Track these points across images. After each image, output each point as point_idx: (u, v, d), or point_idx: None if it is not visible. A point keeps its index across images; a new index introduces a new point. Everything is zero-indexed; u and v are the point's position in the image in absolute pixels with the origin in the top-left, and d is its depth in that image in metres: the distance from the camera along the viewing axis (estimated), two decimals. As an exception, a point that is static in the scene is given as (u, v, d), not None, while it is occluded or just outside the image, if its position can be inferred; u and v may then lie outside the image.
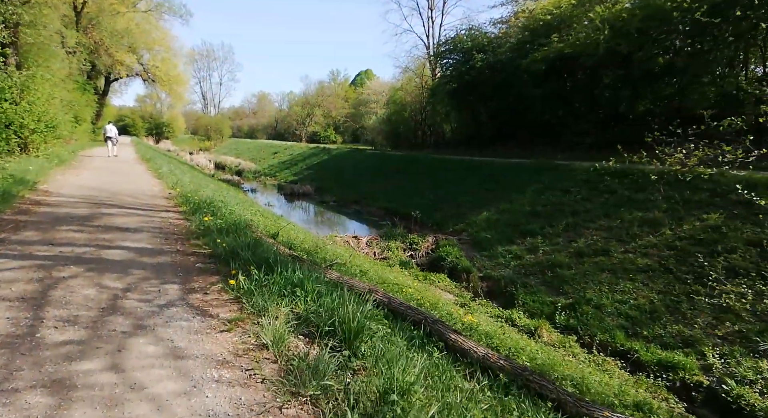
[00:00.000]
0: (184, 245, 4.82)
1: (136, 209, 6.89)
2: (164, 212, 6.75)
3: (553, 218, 13.67)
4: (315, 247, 8.14)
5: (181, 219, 6.34)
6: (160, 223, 5.89)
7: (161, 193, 9.31)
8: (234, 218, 6.63)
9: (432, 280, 11.92)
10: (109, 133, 19.59)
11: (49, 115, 13.82)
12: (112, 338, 2.60)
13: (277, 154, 46.20)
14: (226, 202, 8.66)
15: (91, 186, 9.28)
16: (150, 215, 6.46)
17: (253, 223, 7.51)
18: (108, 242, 4.67)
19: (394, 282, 8.39)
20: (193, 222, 5.92)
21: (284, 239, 6.38)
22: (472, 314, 9.31)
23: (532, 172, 17.46)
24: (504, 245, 13.38)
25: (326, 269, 4.99)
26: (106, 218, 5.94)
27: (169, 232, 5.37)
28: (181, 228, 5.67)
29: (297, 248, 5.87)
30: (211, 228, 5.53)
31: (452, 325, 6.42)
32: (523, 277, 11.51)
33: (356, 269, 7.41)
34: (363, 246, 15.17)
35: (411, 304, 4.74)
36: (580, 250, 11.63)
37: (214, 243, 4.70)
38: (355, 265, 8.92)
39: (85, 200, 7.31)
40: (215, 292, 3.51)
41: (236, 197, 15.15)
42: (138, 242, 4.82)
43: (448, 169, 22.49)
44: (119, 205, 7.12)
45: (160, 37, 37.29)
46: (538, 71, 21.24)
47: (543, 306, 9.90)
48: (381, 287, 7.03)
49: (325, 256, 6.52)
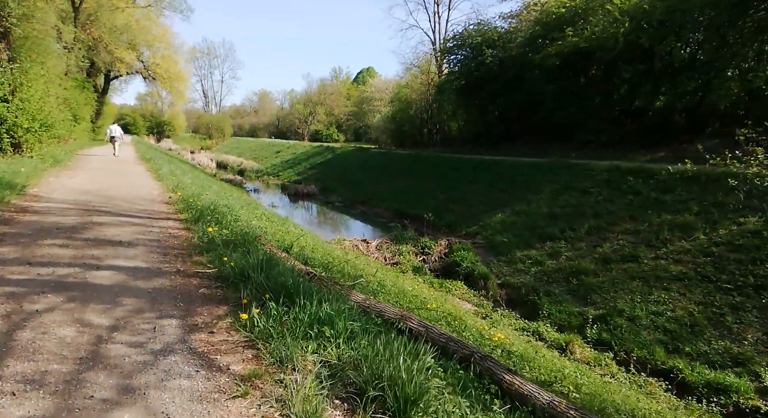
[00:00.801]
0: (186, 262, 4.15)
1: (132, 216, 6.22)
2: (163, 221, 6.08)
3: (573, 221, 12.97)
4: (328, 256, 7.47)
5: (182, 229, 5.67)
6: (159, 234, 5.22)
7: (161, 197, 8.64)
8: (241, 226, 5.97)
9: (448, 287, 11.25)
10: (114, 133, 19.69)
11: (44, 113, 13.16)
12: (87, 411, 1.93)
13: (279, 153, 45.52)
14: (231, 206, 7.99)
15: (85, 189, 8.62)
16: (147, 224, 5.79)
17: (262, 232, 6.85)
18: (96, 261, 4.00)
19: (413, 294, 7.71)
20: (196, 233, 5.25)
21: (297, 251, 5.71)
22: (496, 327, 8.65)
23: (547, 171, 16.75)
24: (522, 249, 12.69)
25: (349, 289, 4.32)
26: (97, 228, 5.28)
27: (168, 246, 4.70)
28: (182, 240, 5.00)
29: (313, 262, 5.20)
30: (216, 241, 4.87)
31: (485, 346, 5.77)
32: (546, 284, 10.82)
33: (374, 282, 6.74)
34: (373, 250, 14.50)
35: (450, 333, 4.05)
36: (606, 255, 10.94)
37: (220, 261, 4.03)
38: (368, 273, 8.25)
39: (76, 206, 6.65)
40: (224, 330, 2.83)
41: (240, 199, 14.49)
42: (132, 259, 4.15)
43: (457, 168, 21.77)
44: (114, 212, 6.45)
45: (161, 33, 36.64)
46: (551, 67, 20.50)
47: (570, 317, 9.21)
48: (403, 303, 6.36)
49: (342, 269, 5.85)
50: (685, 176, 12.59)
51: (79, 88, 28.20)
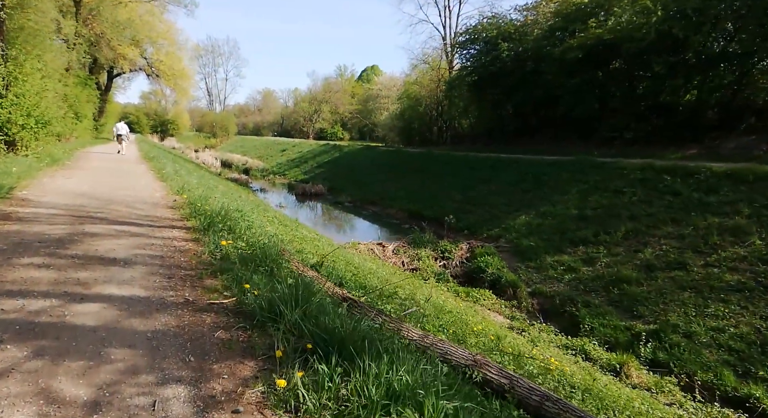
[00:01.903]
0: (195, 288, 3.28)
1: (131, 224, 5.37)
2: (167, 229, 5.22)
3: (607, 224, 12.04)
4: (358, 270, 6.61)
5: (189, 240, 4.81)
6: (162, 248, 4.36)
7: (164, 199, 7.79)
8: (257, 235, 5.11)
9: (475, 297, 10.37)
10: (120, 131, 19.47)
11: (41, 109, 12.36)
12: None
13: (285, 151, 44.70)
14: (242, 210, 7.13)
15: (80, 192, 7.78)
16: (148, 234, 4.93)
17: (277, 240, 5.99)
18: (82, 288, 3.14)
19: (450, 310, 6.82)
20: (207, 246, 4.39)
21: (327, 266, 4.84)
22: (536, 343, 7.76)
23: (573, 170, 15.80)
24: (552, 254, 11.78)
25: (399, 321, 3.46)
26: (88, 240, 4.42)
27: (173, 264, 3.84)
28: (190, 256, 4.13)
29: (347, 282, 4.32)
30: (231, 257, 4.01)
31: (539, 377, 4.89)
32: (583, 294, 9.92)
33: (405, 294, 5.87)
34: (389, 254, 13.63)
35: (535, 384, 3.17)
36: (649, 262, 10.01)
37: (239, 286, 3.17)
38: (407, 292, 7.39)
39: (68, 212, 5.80)
40: (253, 406, 1.96)
41: (248, 201, 13.65)
42: (127, 285, 3.28)
43: (474, 167, 20.84)
44: (110, 219, 5.60)
45: (164, 29, 35.73)
46: (572, 60, 19.50)
47: (617, 333, 8.31)
48: (447, 325, 5.48)
49: (381, 288, 4.97)
50: (730, 175, 11.66)
51: (81, 85, 27.43)
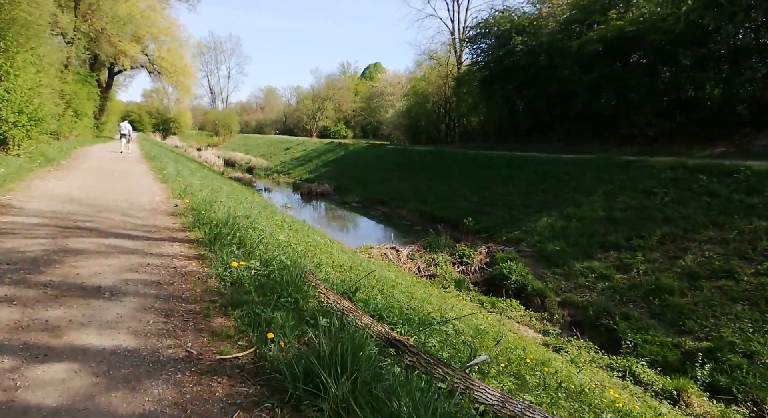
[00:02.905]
0: (201, 334, 2.50)
1: (124, 237, 4.60)
2: (167, 244, 4.44)
3: (639, 227, 11.21)
4: (388, 288, 5.83)
5: (192, 257, 4.03)
6: (159, 270, 3.58)
7: (164, 204, 7.03)
8: (273, 251, 4.33)
9: (501, 307, 9.57)
10: (124, 131, 19.55)
11: (34, 106, 11.59)
12: None
13: (289, 150, 43.92)
14: (251, 217, 6.35)
15: (71, 196, 7.02)
16: (144, 250, 4.15)
17: (288, 249, 5.21)
18: (50, 336, 2.35)
19: (485, 329, 6.02)
20: (214, 267, 3.61)
21: (349, 281, 4.05)
22: (576, 363, 6.97)
23: (596, 169, 14.96)
24: (581, 260, 10.96)
25: (464, 375, 2.67)
26: (70, 261, 3.65)
27: (172, 294, 3.06)
28: (194, 281, 3.36)
29: (387, 312, 3.53)
30: (244, 282, 3.23)
31: None
32: (620, 305, 9.11)
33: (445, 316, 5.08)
34: (404, 259, 12.84)
35: None
36: (692, 270, 9.19)
37: (258, 333, 2.39)
38: (438, 309, 6.61)
39: (52, 222, 5.04)
40: None
41: (254, 202, 12.89)
42: (111, 329, 2.50)
43: (487, 166, 20.01)
44: (101, 230, 4.83)
45: (166, 25, 34.98)
46: (591, 54, 18.65)
47: (664, 350, 7.51)
48: (502, 362, 4.69)
49: (423, 313, 4.18)
50: (773, 175, 10.83)
51: (80, 82, 26.73)
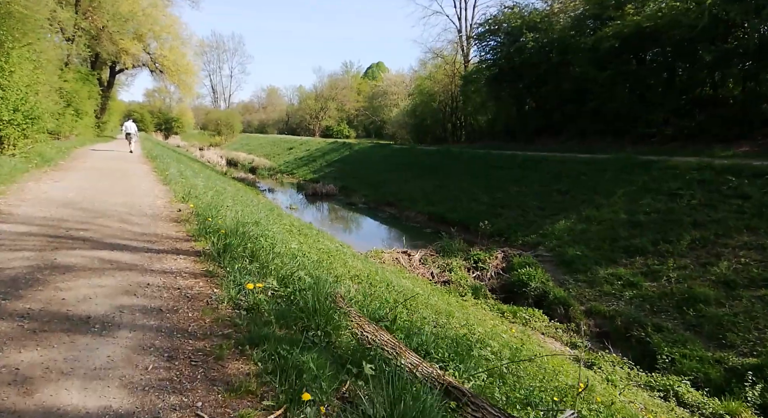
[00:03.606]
0: (213, 385, 1.95)
1: (122, 249, 4.06)
2: (170, 257, 3.91)
3: (666, 231, 10.65)
4: (434, 315, 5.29)
5: (199, 274, 3.50)
6: (161, 292, 3.04)
7: (167, 209, 6.49)
8: (291, 267, 3.80)
9: (523, 318, 9.02)
10: (129, 130, 19.66)
11: (30, 103, 11.09)
12: None
13: (292, 149, 43.42)
14: (261, 223, 5.82)
15: (66, 200, 6.50)
16: (144, 265, 3.62)
17: (301, 256, 4.68)
18: (17, 392, 1.73)
19: (524, 351, 5.48)
20: (225, 288, 3.07)
21: (399, 313, 3.51)
22: (613, 383, 6.42)
23: (615, 169, 14.38)
24: (605, 266, 10.40)
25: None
26: (56, 280, 3.11)
27: (176, 327, 2.51)
28: (202, 308, 2.81)
29: (433, 348, 2.98)
30: (262, 308, 2.69)
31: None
32: (651, 315, 8.55)
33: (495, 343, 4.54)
34: (416, 264, 12.30)
35: None
36: (727, 278, 8.62)
37: (287, 385, 1.85)
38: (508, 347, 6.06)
39: (42, 231, 4.51)
40: None
41: (260, 204, 12.36)
42: (99, 380, 1.94)
43: (498, 166, 19.45)
44: (96, 240, 4.30)
45: (168, 23, 34.52)
46: (606, 51, 18.05)
47: (704, 366, 6.94)
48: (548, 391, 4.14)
49: (471, 348, 3.63)
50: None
51: (81, 81, 26.25)
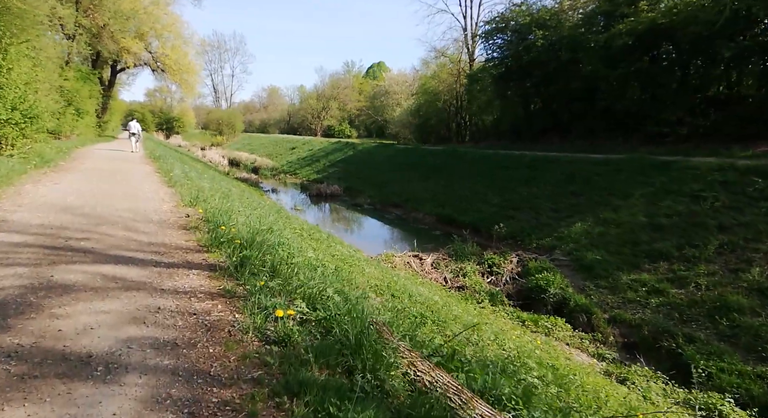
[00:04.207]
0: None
1: (127, 262, 3.65)
2: (182, 272, 3.50)
3: (690, 235, 10.23)
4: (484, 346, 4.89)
5: (216, 294, 3.08)
6: (175, 319, 2.61)
7: (174, 214, 6.08)
8: (316, 280, 3.38)
9: (545, 327, 8.60)
10: (133, 130, 19.59)
11: (29, 102, 10.69)
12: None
13: (294, 149, 43.01)
14: (275, 229, 5.40)
15: (66, 204, 6.09)
16: (153, 283, 3.20)
17: (338, 280, 4.28)
18: None
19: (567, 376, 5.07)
20: (249, 313, 2.66)
21: (454, 348, 3.09)
22: (650, 401, 6.01)
23: (630, 170, 13.96)
24: (627, 271, 9.99)
25: None
26: (52, 304, 2.68)
27: (196, 368, 2.10)
28: (225, 342, 2.37)
29: (494, 389, 2.57)
30: (295, 341, 2.28)
31: None
32: (680, 324, 8.14)
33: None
34: (428, 269, 11.89)
35: None
36: (762, 285, 8.21)
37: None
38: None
39: (38, 241, 4.10)
40: None
41: (266, 206, 11.97)
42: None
43: (507, 166, 19.02)
44: (98, 251, 3.89)
45: (170, 22, 34.09)
46: (618, 48, 17.62)
47: (745, 381, 6.52)
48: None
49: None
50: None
51: (82, 80, 25.90)
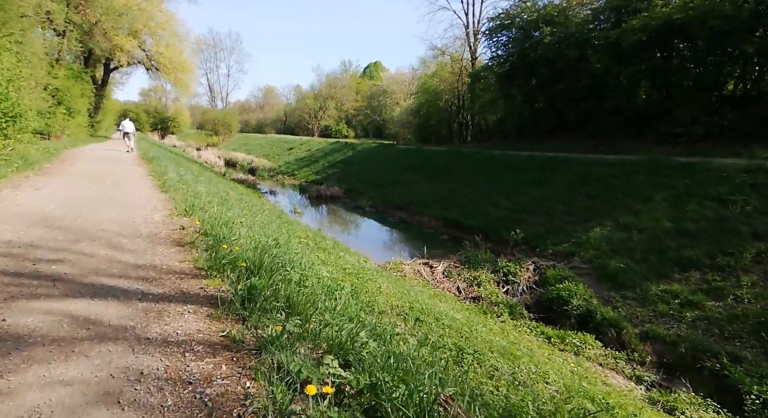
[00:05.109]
0: None
1: (106, 295, 2.92)
2: (174, 309, 2.77)
3: (722, 242, 9.58)
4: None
5: (219, 345, 2.36)
6: (163, 394, 1.84)
7: (167, 226, 5.34)
8: (346, 321, 2.67)
9: (573, 344, 7.91)
10: (127, 129, 19.38)
11: (11, 100, 9.90)
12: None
13: (292, 150, 42.22)
14: (281, 242, 4.69)
15: (45, 214, 5.34)
16: (137, 330, 2.46)
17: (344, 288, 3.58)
18: None
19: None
20: (264, 382, 1.95)
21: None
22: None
23: (648, 172, 13.32)
24: (656, 281, 9.32)
25: None
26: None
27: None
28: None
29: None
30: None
31: None
32: (722, 341, 7.47)
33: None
34: (439, 277, 11.18)
35: None
36: (809, 298, 7.59)
37: None
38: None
39: (1, 263, 3.36)
40: None
41: (266, 210, 11.22)
42: None
43: (515, 168, 18.36)
44: (72, 278, 3.16)
45: (164, 19, 33.21)
46: (631, 45, 17.00)
47: (806, 409, 5.88)
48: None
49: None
50: None
51: (73, 78, 25.07)
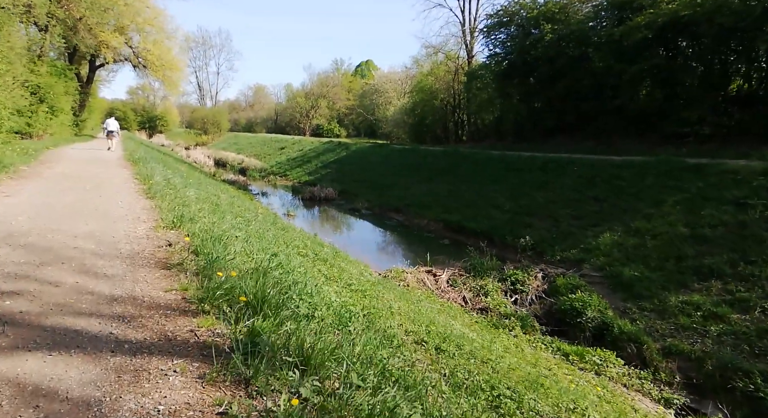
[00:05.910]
0: None
1: (68, 345, 2.27)
2: (156, 365, 2.14)
3: (744, 249, 9.13)
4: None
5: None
6: None
7: (152, 241, 4.67)
8: (396, 403, 2.03)
9: (594, 363, 7.35)
10: (111, 128, 19.09)
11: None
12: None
13: (284, 149, 41.41)
14: (281, 258, 4.07)
15: (9, 228, 4.64)
16: (103, 407, 1.84)
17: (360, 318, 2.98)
18: None
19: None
20: None
21: None
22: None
23: (658, 174, 12.89)
24: (675, 291, 8.84)
25: None
26: None
27: None
28: None
29: None
30: None
31: None
32: (752, 358, 6.99)
33: None
34: (443, 286, 10.59)
35: None
36: (843, 311, 7.15)
37: None
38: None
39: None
40: None
41: (259, 214, 10.54)
42: None
43: (517, 168, 17.87)
44: (28, 321, 2.50)
45: (152, 15, 32.21)
46: (635, 43, 16.61)
47: None
48: None
49: None
50: None
51: (57, 75, 24.10)
